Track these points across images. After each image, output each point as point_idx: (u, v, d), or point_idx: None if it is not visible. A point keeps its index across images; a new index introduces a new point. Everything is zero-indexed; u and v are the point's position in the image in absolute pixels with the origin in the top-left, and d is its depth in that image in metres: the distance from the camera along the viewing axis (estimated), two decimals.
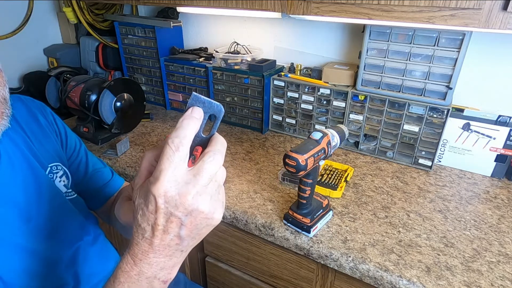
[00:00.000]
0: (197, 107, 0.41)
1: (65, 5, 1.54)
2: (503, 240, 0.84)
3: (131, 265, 0.41)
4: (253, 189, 1.02)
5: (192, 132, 0.39)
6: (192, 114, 0.40)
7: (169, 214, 0.38)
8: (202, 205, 0.38)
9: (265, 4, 0.99)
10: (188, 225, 0.39)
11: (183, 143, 0.38)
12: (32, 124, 0.68)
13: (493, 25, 0.75)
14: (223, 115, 0.43)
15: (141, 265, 0.40)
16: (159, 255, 0.40)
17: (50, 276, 0.62)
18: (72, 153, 0.79)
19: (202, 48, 1.57)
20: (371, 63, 1.11)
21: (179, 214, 0.38)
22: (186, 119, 0.39)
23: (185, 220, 0.39)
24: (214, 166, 0.39)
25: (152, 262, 0.40)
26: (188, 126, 0.39)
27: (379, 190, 1.03)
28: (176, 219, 0.38)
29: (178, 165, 0.38)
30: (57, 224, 0.65)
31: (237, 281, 1.09)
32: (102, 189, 0.83)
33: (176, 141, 0.38)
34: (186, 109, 0.41)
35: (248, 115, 1.40)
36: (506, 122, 1.02)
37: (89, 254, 0.72)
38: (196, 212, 0.38)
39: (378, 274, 0.75)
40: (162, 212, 0.38)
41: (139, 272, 0.41)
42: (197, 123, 0.40)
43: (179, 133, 0.39)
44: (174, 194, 0.37)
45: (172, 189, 0.37)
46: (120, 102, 1.26)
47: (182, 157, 0.38)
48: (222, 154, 0.40)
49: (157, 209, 0.38)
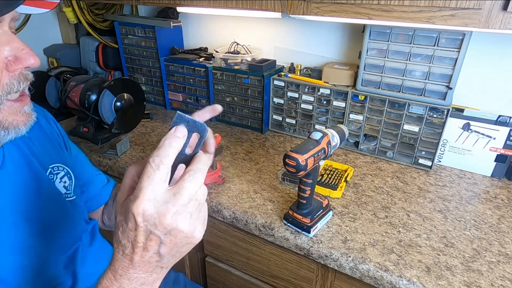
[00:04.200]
0: (181, 126, 0.41)
1: (65, 5, 1.54)
2: (503, 240, 0.84)
3: (111, 281, 0.41)
4: (253, 189, 1.02)
5: (174, 151, 0.40)
6: (176, 133, 0.41)
7: (148, 232, 0.39)
8: (181, 224, 0.39)
9: (265, 4, 0.99)
10: (168, 243, 0.40)
11: (163, 162, 0.39)
12: (34, 126, 0.69)
13: (493, 25, 0.75)
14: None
15: (121, 280, 0.41)
16: (139, 271, 0.41)
17: (48, 276, 0.62)
18: (76, 155, 0.81)
19: (202, 48, 1.57)
20: (371, 63, 1.11)
21: (158, 232, 0.38)
22: (168, 139, 0.40)
23: (165, 239, 0.39)
24: (195, 185, 0.39)
25: (132, 277, 0.41)
26: (170, 146, 0.40)
27: (379, 190, 1.03)
28: (156, 237, 0.39)
29: (158, 184, 0.38)
30: (56, 224, 0.66)
31: (237, 281, 1.09)
32: (100, 192, 0.85)
33: (157, 160, 0.39)
34: (170, 128, 0.41)
35: (248, 115, 1.40)
36: (506, 122, 1.02)
37: (88, 254, 0.72)
38: (175, 231, 0.39)
39: (378, 274, 0.75)
40: (141, 230, 0.38)
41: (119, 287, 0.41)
42: (179, 142, 0.40)
43: (160, 152, 0.39)
44: (153, 213, 0.38)
45: (150, 207, 0.38)
46: (120, 102, 1.26)
47: (162, 176, 0.38)
48: (203, 173, 0.41)
49: (137, 227, 0.38)
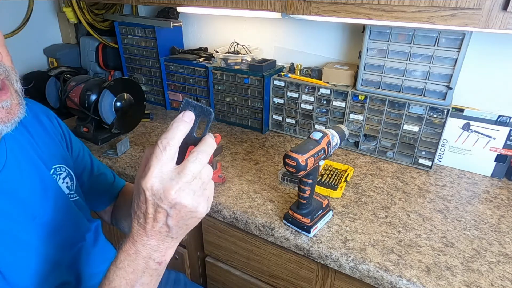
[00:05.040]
0: (188, 111, 0.46)
1: (65, 5, 1.54)
2: (503, 240, 0.84)
3: (130, 245, 0.47)
4: (253, 189, 1.02)
5: (181, 134, 0.44)
6: (183, 117, 0.45)
7: (156, 205, 0.44)
8: (184, 199, 0.43)
9: (265, 4, 0.99)
10: (174, 216, 0.44)
11: (170, 144, 0.43)
12: (36, 126, 0.69)
13: (493, 25, 0.75)
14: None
15: (137, 245, 0.46)
16: (151, 239, 0.46)
17: (52, 275, 0.62)
18: (77, 155, 0.80)
19: (202, 48, 1.57)
20: (371, 63, 1.11)
21: (165, 206, 0.43)
22: (176, 122, 0.45)
23: (171, 212, 0.44)
24: (198, 165, 0.43)
25: (146, 243, 0.46)
26: (177, 129, 0.44)
27: (379, 190, 1.03)
28: (163, 210, 0.44)
29: (165, 163, 0.43)
30: (61, 224, 0.66)
31: (237, 281, 1.09)
32: (107, 191, 0.85)
33: (164, 142, 0.43)
34: (178, 113, 0.46)
35: (248, 115, 1.40)
36: (506, 122, 1.02)
37: (91, 254, 0.73)
38: (179, 206, 0.43)
39: (378, 274, 0.75)
40: (150, 203, 0.43)
41: (136, 251, 0.47)
42: (186, 126, 0.45)
43: (168, 135, 0.44)
44: (159, 188, 0.43)
45: (157, 183, 0.43)
46: (120, 102, 1.26)
47: (169, 156, 0.43)
48: (207, 154, 0.45)
49: (146, 200, 0.43)
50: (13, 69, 0.55)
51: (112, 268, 0.48)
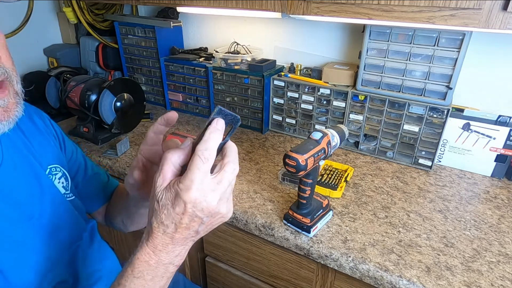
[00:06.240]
0: (221, 119, 0.46)
1: (65, 5, 1.54)
2: (503, 240, 0.84)
3: (150, 255, 0.46)
4: (253, 189, 1.02)
5: (217, 143, 0.45)
6: (217, 126, 0.45)
7: (193, 216, 0.44)
8: (222, 208, 0.45)
9: (265, 4, 0.99)
10: (207, 223, 0.46)
11: (211, 155, 0.44)
12: (30, 127, 0.69)
13: (493, 25, 0.75)
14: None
15: (160, 254, 0.46)
16: (176, 246, 0.46)
17: (51, 273, 0.62)
18: (71, 156, 0.80)
19: (202, 48, 1.57)
20: (371, 63, 1.11)
21: (203, 216, 0.44)
22: (213, 132, 0.44)
23: (206, 220, 0.45)
24: (233, 175, 0.45)
25: (170, 251, 0.46)
26: (215, 139, 0.44)
27: (379, 190, 1.03)
28: (198, 219, 0.44)
29: (205, 175, 0.43)
30: (58, 223, 0.66)
31: (237, 281, 1.09)
32: (102, 191, 0.85)
33: (206, 154, 0.43)
34: (211, 120, 0.45)
35: (248, 115, 1.40)
36: (506, 122, 1.02)
37: (88, 253, 0.73)
38: (216, 214, 0.45)
39: (378, 274, 0.75)
40: (188, 214, 0.44)
41: (158, 261, 0.46)
42: (220, 135, 0.45)
43: (208, 146, 0.44)
44: (202, 200, 0.43)
45: (200, 197, 0.43)
46: (120, 102, 1.26)
47: (209, 168, 0.44)
48: (237, 162, 0.47)
49: (185, 212, 0.43)
50: (14, 71, 0.55)
51: (129, 277, 0.47)
